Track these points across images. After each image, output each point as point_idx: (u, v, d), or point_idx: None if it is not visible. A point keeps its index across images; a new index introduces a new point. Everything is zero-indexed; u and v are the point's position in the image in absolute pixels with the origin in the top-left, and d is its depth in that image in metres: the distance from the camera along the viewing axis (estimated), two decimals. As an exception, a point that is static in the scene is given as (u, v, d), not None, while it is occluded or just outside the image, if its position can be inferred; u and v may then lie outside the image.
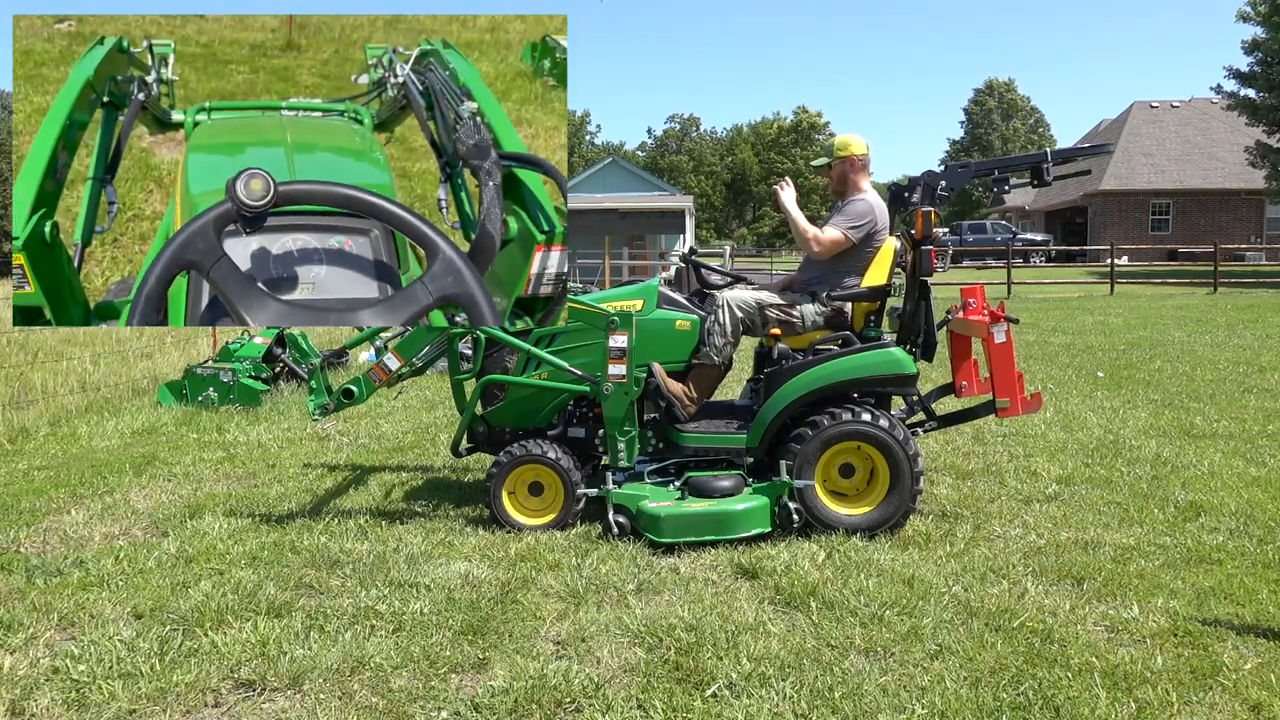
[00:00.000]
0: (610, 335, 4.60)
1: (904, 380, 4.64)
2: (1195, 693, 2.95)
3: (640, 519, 4.44)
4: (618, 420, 4.67)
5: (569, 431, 4.94)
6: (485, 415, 5.05)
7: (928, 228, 4.64)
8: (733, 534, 4.35)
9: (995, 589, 3.81)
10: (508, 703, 2.92)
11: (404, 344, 4.88)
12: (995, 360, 4.66)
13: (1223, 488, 5.27)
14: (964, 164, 4.79)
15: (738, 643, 3.31)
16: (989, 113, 68.41)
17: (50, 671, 3.16)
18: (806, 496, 4.47)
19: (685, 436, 4.73)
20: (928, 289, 4.78)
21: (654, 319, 4.79)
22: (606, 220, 29.38)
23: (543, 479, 4.69)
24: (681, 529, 4.33)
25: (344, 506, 5.14)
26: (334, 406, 4.93)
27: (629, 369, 4.60)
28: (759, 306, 4.78)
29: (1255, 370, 9.72)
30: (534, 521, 4.66)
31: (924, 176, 4.75)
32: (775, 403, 4.58)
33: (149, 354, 11.22)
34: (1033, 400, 4.75)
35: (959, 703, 2.88)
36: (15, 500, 5.41)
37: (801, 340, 4.81)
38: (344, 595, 3.82)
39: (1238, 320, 15.42)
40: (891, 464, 4.48)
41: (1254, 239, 36.73)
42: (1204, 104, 40.39)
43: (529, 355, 4.79)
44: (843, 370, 4.57)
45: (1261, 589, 3.76)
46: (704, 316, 4.83)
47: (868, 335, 4.77)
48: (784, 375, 4.62)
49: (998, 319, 4.63)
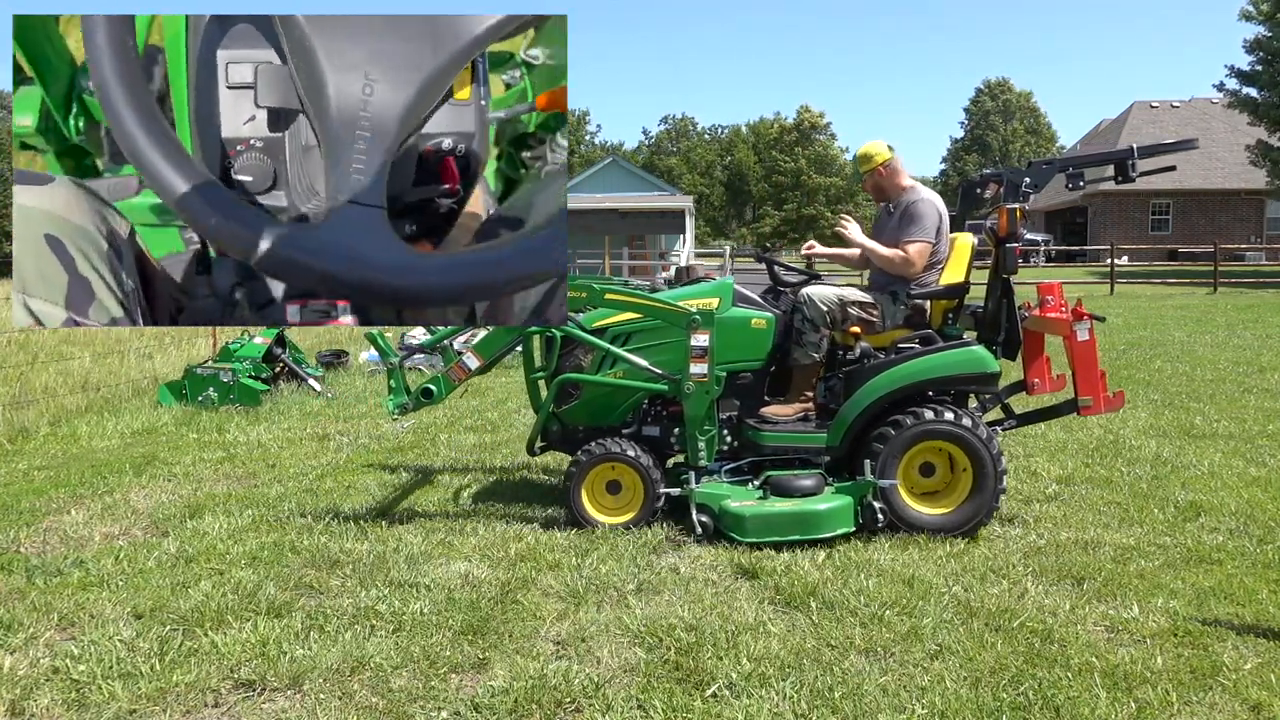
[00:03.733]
0: (692, 333, 4.56)
1: (987, 379, 4.63)
2: (1195, 693, 2.95)
3: (724, 518, 4.40)
4: (698, 419, 4.64)
5: (643, 430, 4.92)
6: (559, 414, 5.00)
7: (1012, 225, 4.60)
8: (817, 534, 4.30)
9: (995, 589, 3.81)
10: (508, 703, 2.92)
11: (484, 343, 4.86)
12: (1078, 358, 4.63)
13: (1223, 488, 5.27)
14: (1049, 160, 4.75)
15: (738, 643, 3.31)
16: (988, 113, 68.46)
17: (50, 671, 3.16)
18: (890, 496, 4.44)
19: (765, 435, 4.70)
20: (1010, 287, 4.75)
21: (730, 317, 4.76)
22: (606, 220, 29.44)
23: (622, 478, 4.67)
24: (765, 529, 4.29)
25: (344, 506, 5.14)
26: (413, 406, 4.89)
27: (710, 367, 4.58)
28: (841, 303, 4.77)
29: (1255, 370, 9.72)
30: (612, 520, 4.62)
31: (1004, 172, 4.70)
32: (857, 401, 4.57)
33: (149, 354, 11.22)
34: (1115, 399, 4.71)
35: (959, 703, 2.88)
36: (15, 500, 5.40)
37: (882, 339, 4.80)
38: (344, 595, 3.82)
39: (1238, 320, 15.42)
40: (976, 463, 4.46)
41: (1254, 239, 36.74)
42: (1204, 104, 40.40)
43: (605, 353, 4.77)
44: (926, 369, 4.56)
45: (1261, 589, 3.76)
46: (780, 315, 4.81)
47: (947, 333, 4.77)
48: (866, 374, 4.60)
49: (1080, 316, 4.60)
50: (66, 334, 12.64)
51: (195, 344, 11.94)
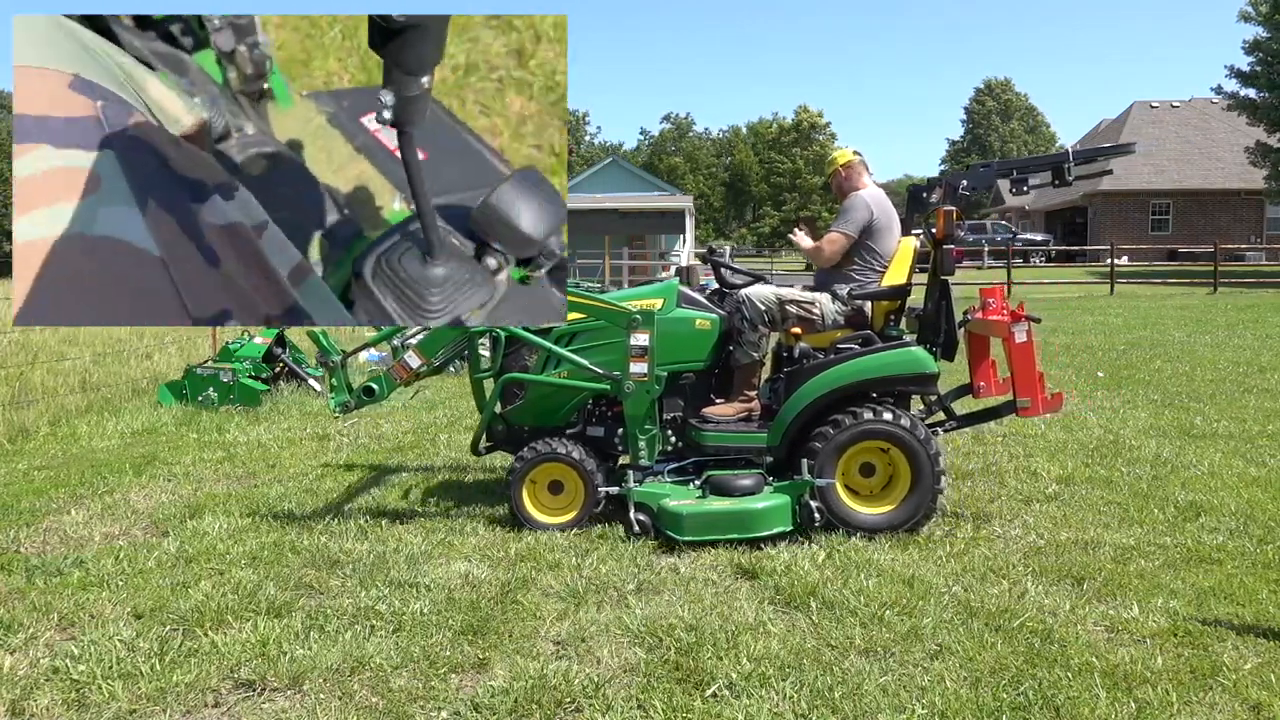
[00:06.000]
0: (632, 333, 4.59)
1: (925, 379, 4.65)
2: (1195, 693, 2.95)
3: (662, 517, 4.43)
4: (639, 418, 4.66)
5: (588, 430, 4.94)
6: (504, 414, 5.03)
7: (949, 227, 4.66)
8: (754, 532, 4.34)
9: (995, 589, 3.81)
10: (508, 703, 2.92)
11: (426, 342, 4.88)
12: (1016, 360, 4.65)
13: (1223, 488, 5.27)
14: (986, 164, 4.84)
15: (738, 643, 3.31)
16: (988, 114, 68.46)
17: (50, 671, 3.16)
18: (827, 495, 4.47)
19: (706, 435, 4.73)
20: (948, 288, 4.80)
21: (674, 317, 4.80)
22: (606, 220, 29.40)
23: (563, 477, 4.69)
24: (703, 527, 4.33)
25: (344, 506, 5.14)
26: (355, 404, 4.93)
27: (650, 367, 4.59)
28: (779, 302, 4.80)
29: (1255, 370, 9.72)
30: (554, 520, 4.65)
31: (945, 177, 4.81)
32: (796, 401, 4.59)
33: (149, 354, 11.22)
34: (1054, 400, 4.74)
35: (959, 703, 2.88)
36: (15, 500, 5.40)
37: (822, 339, 4.83)
38: (344, 595, 3.82)
39: (1238, 320, 15.42)
40: (913, 463, 4.48)
41: (1254, 239, 36.72)
42: (1204, 104, 40.38)
43: (549, 354, 4.79)
44: (864, 369, 4.58)
45: (1261, 589, 3.76)
46: (725, 316, 4.85)
47: (888, 334, 4.79)
48: (805, 374, 4.63)
49: (1019, 318, 4.63)
50: (67, 334, 12.62)
51: (195, 344, 11.93)
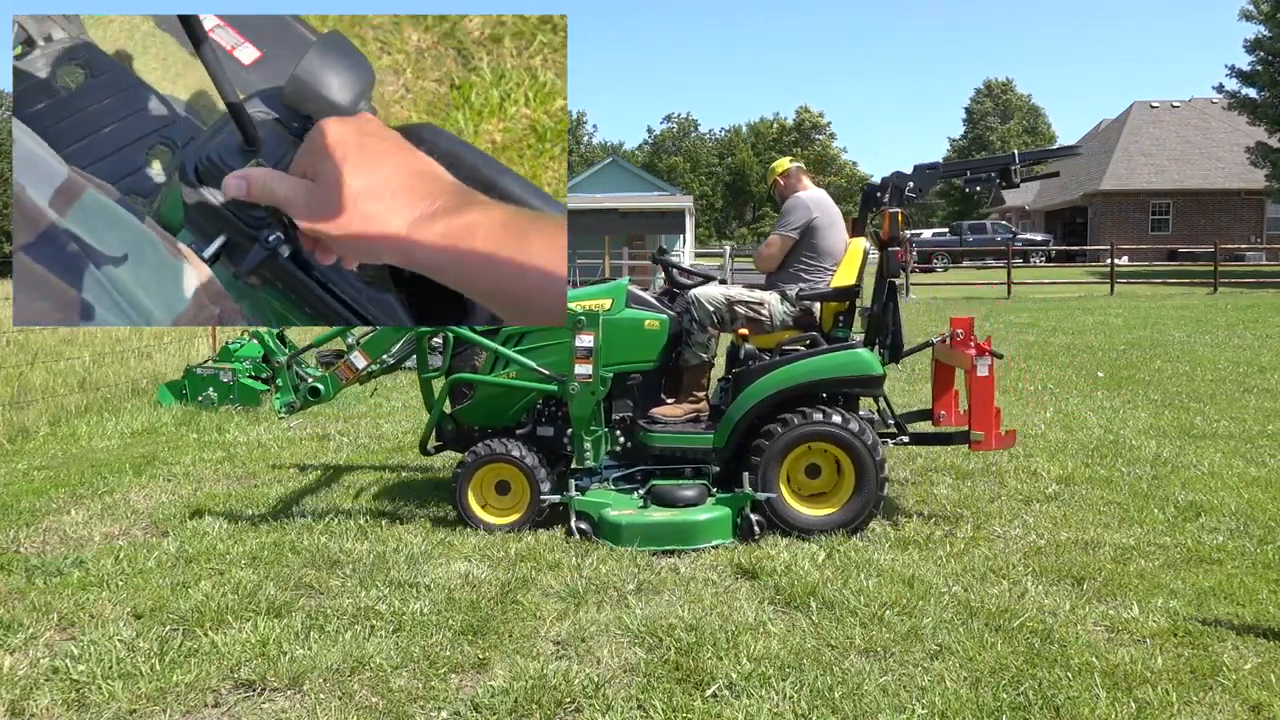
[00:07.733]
0: (576, 334, 4.58)
1: (870, 381, 4.66)
2: (1195, 693, 2.95)
3: (602, 527, 4.45)
4: (584, 419, 4.65)
5: (538, 430, 4.94)
6: (454, 414, 5.05)
7: (895, 229, 4.70)
8: (694, 544, 4.35)
9: (995, 589, 3.81)
10: (508, 703, 2.92)
11: (371, 342, 4.88)
12: (975, 393, 4.69)
13: (1223, 488, 5.27)
14: (932, 165, 4.86)
15: (738, 643, 3.31)
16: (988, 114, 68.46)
17: (50, 671, 3.16)
18: (774, 506, 4.48)
19: (654, 436, 4.73)
20: (895, 289, 4.83)
21: (622, 318, 4.79)
22: (606, 220, 29.38)
23: (509, 478, 4.70)
24: (642, 538, 4.34)
25: (344, 506, 5.14)
26: (300, 404, 4.94)
27: (595, 368, 4.59)
28: (728, 303, 4.81)
29: (1255, 370, 9.72)
30: (499, 521, 4.66)
31: (892, 178, 4.81)
32: (742, 402, 4.60)
33: (149, 354, 11.21)
34: (1007, 437, 4.78)
35: (959, 703, 2.88)
36: (15, 500, 5.40)
37: (769, 340, 4.85)
38: (344, 595, 3.82)
39: (1238, 320, 15.42)
40: (857, 465, 4.49)
41: (1254, 239, 36.71)
42: (1204, 104, 40.36)
43: (497, 354, 4.79)
44: (809, 370, 4.59)
45: (1261, 589, 3.76)
46: (674, 316, 4.86)
47: (836, 336, 4.80)
48: (751, 375, 4.64)
49: (983, 352, 4.66)
50: (67, 334, 12.63)
51: (195, 344, 11.93)
